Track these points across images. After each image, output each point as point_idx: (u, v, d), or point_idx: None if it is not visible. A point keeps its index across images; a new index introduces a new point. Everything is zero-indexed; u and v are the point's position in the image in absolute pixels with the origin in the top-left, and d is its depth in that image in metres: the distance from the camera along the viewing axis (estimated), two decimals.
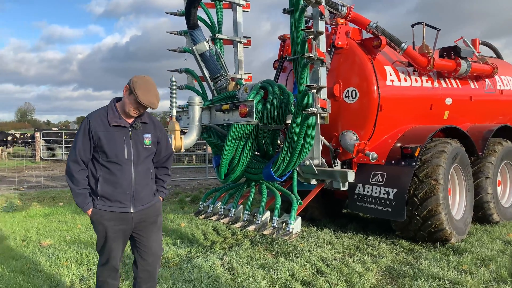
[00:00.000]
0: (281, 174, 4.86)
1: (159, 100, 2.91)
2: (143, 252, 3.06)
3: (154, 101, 2.86)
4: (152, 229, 3.07)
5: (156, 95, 2.89)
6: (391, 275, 4.27)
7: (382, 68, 5.59)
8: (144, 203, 3.00)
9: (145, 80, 2.87)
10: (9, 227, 6.59)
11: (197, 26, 5.40)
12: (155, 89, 2.90)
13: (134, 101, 2.83)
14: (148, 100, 2.82)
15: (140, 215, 2.99)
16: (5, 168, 15.18)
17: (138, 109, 2.88)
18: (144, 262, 3.07)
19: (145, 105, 2.83)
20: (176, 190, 10.32)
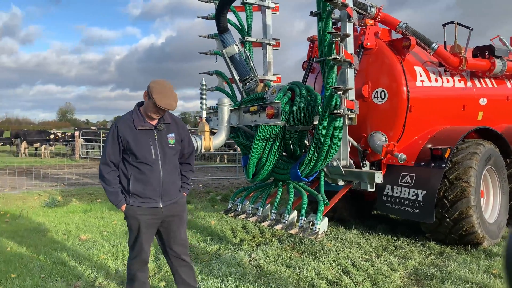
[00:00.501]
0: (308, 175, 4.93)
1: (176, 101, 3.08)
2: (172, 244, 3.27)
3: (172, 103, 3.03)
4: (178, 224, 3.27)
5: (173, 97, 3.05)
6: (418, 277, 4.25)
7: (412, 69, 5.53)
8: (172, 198, 3.19)
9: (162, 85, 3.05)
10: (51, 221, 7.00)
11: (227, 29, 5.55)
12: (171, 92, 3.05)
13: (153, 105, 3.01)
14: (165, 103, 2.99)
15: (168, 210, 3.18)
16: (48, 166, 16.01)
17: (158, 112, 3.06)
18: (174, 252, 3.28)
19: (163, 108, 3.00)
20: (207, 189, 10.55)
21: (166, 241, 3.30)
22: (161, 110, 3.04)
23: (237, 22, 6.12)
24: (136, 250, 3.23)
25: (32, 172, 13.23)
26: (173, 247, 3.28)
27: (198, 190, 10.45)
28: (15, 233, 6.22)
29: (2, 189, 9.79)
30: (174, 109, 3.07)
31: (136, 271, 3.27)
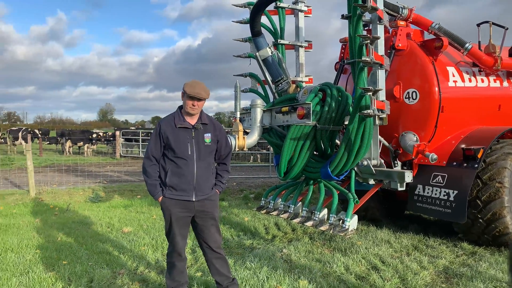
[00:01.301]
0: (338, 174, 5.05)
1: (206, 91, 3.37)
2: (206, 238, 3.53)
3: (200, 92, 3.31)
4: (210, 219, 3.51)
5: (202, 88, 3.35)
6: (448, 275, 4.30)
7: (445, 69, 5.54)
8: (204, 193, 3.45)
9: (192, 81, 3.41)
10: (95, 215, 7.49)
11: (261, 33, 5.77)
12: (200, 85, 3.37)
13: (186, 96, 3.34)
14: (194, 91, 3.30)
15: (200, 205, 3.43)
16: (90, 164, 16.86)
17: (192, 102, 3.34)
18: (208, 245, 3.54)
19: (192, 95, 3.29)
20: (241, 187, 10.83)
21: (200, 236, 3.56)
22: (192, 99, 3.32)
23: (270, 26, 6.33)
24: (171, 241, 3.52)
25: (77, 170, 14.00)
26: (207, 241, 3.54)
27: (232, 188, 10.74)
28: (63, 225, 6.72)
29: (50, 185, 10.48)
30: (202, 97, 3.34)
31: (174, 260, 3.54)
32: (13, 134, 23.67)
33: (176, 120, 3.41)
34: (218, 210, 3.63)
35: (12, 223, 6.80)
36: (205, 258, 3.66)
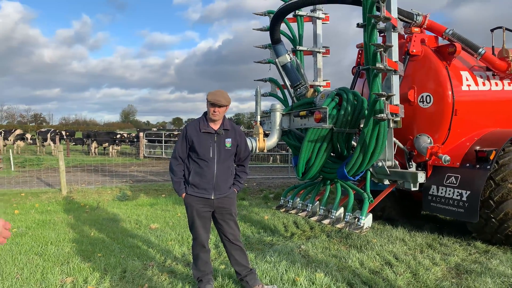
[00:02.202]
0: (354, 174, 5.32)
1: (226, 99, 3.71)
2: (225, 231, 3.88)
3: (219, 99, 3.66)
4: (228, 216, 3.86)
5: (222, 95, 3.70)
6: (459, 271, 4.51)
7: (458, 74, 5.72)
8: (222, 192, 3.79)
9: (214, 89, 3.77)
10: (124, 212, 7.94)
11: (280, 41, 6.09)
12: (221, 93, 3.73)
13: (208, 103, 3.69)
14: (214, 98, 3.66)
15: (219, 202, 3.78)
16: (116, 164, 17.50)
17: (213, 109, 3.69)
18: (227, 238, 3.89)
19: (213, 102, 3.64)
20: (261, 187, 11.15)
21: (220, 229, 3.91)
22: (213, 105, 3.67)
23: (289, 33, 6.63)
24: (194, 234, 3.88)
25: (103, 170, 14.60)
26: (226, 234, 3.89)
27: (252, 188, 11.08)
28: (95, 221, 7.18)
29: (80, 184, 11.04)
30: (221, 103, 3.67)
31: (199, 252, 3.89)
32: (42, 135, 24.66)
33: (201, 125, 3.77)
34: (235, 206, 3.96)
35: (48, 219, 7.30)
36: (225, 250, 4.00)
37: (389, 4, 5.01)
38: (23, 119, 79.07)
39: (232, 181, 3.89)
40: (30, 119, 79.96)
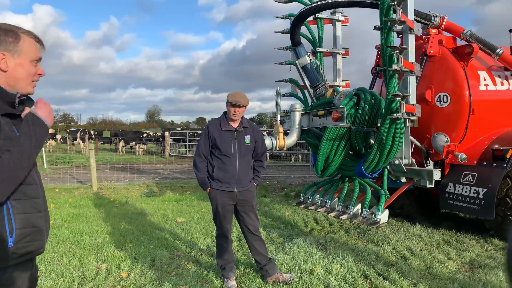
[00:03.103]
0: (371, 172, 5.51)
1: (245, 99, 4.01)
2: (246, 223, 4.17)
3: (239, 100, 3.96)
4: (249, 208, 4.15)
5: (241, 96, 3.99)
6: (472, 266, 4.64)
7: (476, 74, 5.82)
8: (244, 185, 4.08)
9: (234, 92, 4.06)
10: (151, 207, 8.34)
11: (300, 43, 6.33)
12: (241, 94, 4.02)
13: (229, 104, 3.99)
14: (234, 99, 3.95)
15: (241, 195, 4.07)
16: (142, 162, 18.09)
17: (233, 109, 3.99)
18: (248, 230, 4.18)
19: (233, 102, 3.94)
20: (282, 185, 11.40)
21: (241, 221, 4.21)
22: (233, 106, 3.96)
23: (309, 35, 6.86)
24: (218, 225, 4.19)
25: (131, 167, 15.17)
26: (247, 225, 4.18)
27: (274, 186, 11.34)
28: (124, 215, 7.60)
29: (108, 181, 11.57)
30: (240, 104, 3.96)
31: (222, 242, 4.20)
32: (72, 134, 25.64)
33: (222, 124, 4.07)
34: (255, 199, 4.25)
35: (81, 213, 7.78)
36: (246, 241, 4.29)
37: (405, 7, 5.17)
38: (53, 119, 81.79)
39: (252, 176, 4.17)
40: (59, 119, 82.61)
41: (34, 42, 1.81)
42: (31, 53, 1.79)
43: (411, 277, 4.21)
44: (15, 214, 1.66)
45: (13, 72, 1.74)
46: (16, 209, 1.66)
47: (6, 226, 1.64)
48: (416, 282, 4.08)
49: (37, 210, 1.76)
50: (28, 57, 1.78)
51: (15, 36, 1.74)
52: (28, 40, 1.78)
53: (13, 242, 1.66)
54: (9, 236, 1.65)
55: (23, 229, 1.69)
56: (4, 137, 1.62)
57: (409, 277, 4.21)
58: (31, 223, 1.72)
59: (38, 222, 1.76)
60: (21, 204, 1.69)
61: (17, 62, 1.75)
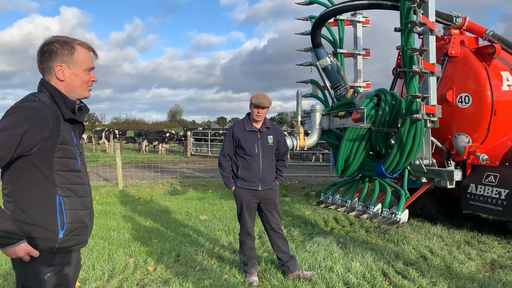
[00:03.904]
0: (391, 172, 5.56)
1: (268, 101, 4.16)
2: (269, 221, 4.31)
3: (262, 101, 4.10)
4: (272, 207, 4.29)
5: (265, 98, 4.14)
6: (493, 266, 4.65)
7: (498, 74, 5.79)
8: (268, 184, 4.23)
9: (257, 93, 4.21)
10: (175, 205, 8.59)
11: (321, 45, 6.42)
12: (264, 95, 4.17)
13: (252, 106, 4.14)
14: (258, 101, 4.10)
15: (265, 193, 4.22)
16: (165, 161, 18.47)
17: (257, 110, 4.14)
18: (271, 227, 4.31)
19: (256, 104, 4.09)
20: (302, 185, 11.49)
21: (264, 218, 4.35)
22: (257, 107, 4.11)
23: (330, 36, 6.94)
24: (242, 223, 4.34)
25: (154, 166, 15.53)
26: (270, 223, 4.32)
27: (294, 186, 11.44)
28: (149, 212, 7.86)
29: (133, 179, 11.91)
30: (264, 106, 4.12)
31: (245, 238, 4.35)
32: (97, 134, 26.34)
33: (246, 125, 4.22)
34: (278, 198, 4.38)
35: (108, 210, 8.08)
36: (268, 238, 4.43)
37: (426, 9, 5.20)
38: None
39: (274, 174, 4.31)
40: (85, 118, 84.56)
41: (87, 53, 2.01)
42: (85, 63, 1.99)
43: (430, 276, 4.26)
44: (66, 210, 1.87)
45: (69, 81, 1.95)
46: (67, 205, 1.88)
47: (58, 220, 1.86)
48: (435, 281, 4.14)
49: (85, 207, 1.98)
50: (82, 67, 1.98)
51: (70, 48, 1.94)
52: (82, 50, 1.98)
53: (63, 234, 1.88)
54: (60, 229, 1.87)
55: (72, 224, 1.90)
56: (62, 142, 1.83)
57: (428, 276, 4.26)
58: (79, 219, 1.93)
59: (85, 218, 1.98)
60: (71, 202, 1.91)
61: (72, 72, 1.95)
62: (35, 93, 1.92)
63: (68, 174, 1.90)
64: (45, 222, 1.85)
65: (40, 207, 1.84)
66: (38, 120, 1.78)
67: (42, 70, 1.95)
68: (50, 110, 1.84)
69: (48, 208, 1.85)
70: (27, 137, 1.75)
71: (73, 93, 1.99)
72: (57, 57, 1.91)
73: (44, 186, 1.84)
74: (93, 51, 2.04)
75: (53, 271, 1.89)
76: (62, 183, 1.88)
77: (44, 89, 1.93)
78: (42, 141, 1.80)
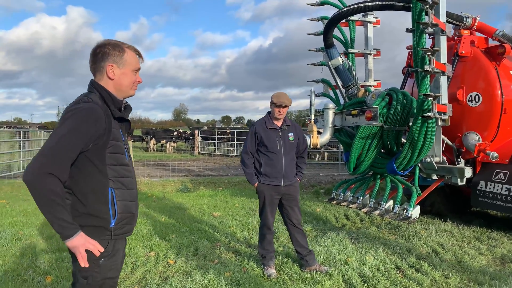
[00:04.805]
0: (403, 169, 5.69)
1: (289, 100, 4.30)
2: (290, 216, 4.46)
3: (283, 100, 4.25)
4: (294, 201, 4.45)
5: (286, 97, 4.28)
6: (503, 261, 4.79)
7: (508, 73, 5.91)
8: (290, 180, 4.38)
9: (278, 92, 4.37)
10: (187, 202, 8.77)
11: (333, 45, 6.56)
12: (284, 95, 4.32)
13: (273, 105, 4.30)
14: (279, 100, 4.25)
15: (287, 189, 4.37)
16: (173, 160, 18.67)
17: (278, 109, 4.29)
18: (291, 223, 4.46)
19: (277, 103, 4.24)
20: (311, 183, 11.63)
21: (286, 214, 4.49)
22: (278, 107, 4.27)
23: (342, 37, 7.08)
24: (263, 217, 4.49)
25: (163, 164, 15.72)
26: (291, 218, 4.46)
27: (304, 183, 11.58)
28: (163, 209, 8.04)
29: (145, 177, 12.11)
30: (286, 104, 4.27)
31: (265, 233, 4.51)
32: None
33: (267, 123, 4.38)
34: (299, 194, 4.53)
35: None
36: (288, 233, 4.58)
37: (437, 10, 5.33)
38: None
39: (295, 170, 4.47)
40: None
41: (135, 55, 2.19)
42: (133, 64, 2.17)
43: (443, 269, 4.41)
44: (117, 200, 2.05)
45: (118, 80, 2.13)
46: (118, 196, 2.06)
47: (110, 210, 2.04)
48: (447, 274, 4.28)
49: (133, 199, 2.16)
50: (130, 68, 2.16)
51: (121, 50, 2.12)
52: (131, 53, 2.16)
53: (114, 223, 2.05)
54: (112, 218, 2.05)
55: (122, 214, 2.08)
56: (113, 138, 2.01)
57: (441, 269, 4.41)
58: (128, 209, 2.11)
59: (133, 208, 2.16)
60: (122, 193, 2.09)
61: (122, 72, 2.13)
62: (87, 94, 2.09)
63: (118, 168, 2.08)
64: (100, 211, 2.03)
65: (94, 198, 2.02)
66: (94, 120, 1.96)
67: (94, 70, 2.13)
68: (102, 110, 2.01)
69: (102, 199, 2.03)
70: (87, 136, 1.94)
71: (121, 92, 2.16)
72: (109, 58, 2.10)
73: (98, 179, 2.02)
74: (140, 55, 2.21)
75: (106, 256, 2.06)
76: (113, 176, 2.06)
77: (95, 90, 2.10)
78: (97, 139, 1.98)
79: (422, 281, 4.07)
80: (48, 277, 4.20)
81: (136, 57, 2.19)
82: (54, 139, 1.90)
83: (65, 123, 1.93)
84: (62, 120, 1.97)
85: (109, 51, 2.09)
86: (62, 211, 1.87)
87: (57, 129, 1.94)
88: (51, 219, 1.87)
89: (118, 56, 2.11)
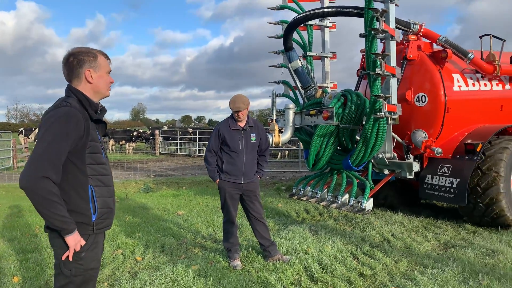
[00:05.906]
0: (357, 165, 6.11)
1: (245, 103, 4.50)
2: (252, 210, 4.72)
3: (239, 105, 4.47)
4: (254, 197, 4.71)
5: (241, 101, 4.48)
6: (446, 246, 5.29)
7: (450, 76, 6.48)
8: (249, 178, 4.64)
9: (234, 96, 4.57)
10: (151, 202, 8.82)
11: (292, 48, 6.89)
12: (240, 99, 4.51)
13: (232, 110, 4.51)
14: (234, 106, 4.48)
15: (246, 186, 4.63)
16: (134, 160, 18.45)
17: (236, 114, 4.55)
18: (253, 216, 4.72)
19: (234, 109, 4.49)
20: (273, 180, 11.98)
21: (247, 208, 4.75)
22: (236, 111, 4.51)
23: (300, 40, 7.43)
24: (225, 212, 4.73)
25: (124, 165, 15.55)
26: (253, 212, 4.73)
27: (266, 181, 11.90)
28: (127, 209, 8.06)
29: None
30: (242, 108, 4.49)
31: (228, 227, 4.74)
32: None
33: (231, 124, 4.61)
34: (259, 189, 4.80)
35: None
36: (251, 226, 4.83)
37: (387, 16, 5.77)
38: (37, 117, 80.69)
39: (256, 168, 4.72)
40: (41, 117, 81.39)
41: (105, 59, 2.36)
42: (106, 67, 2.36)
43: (393, 255, 4.83)
44: (97, 197, 2.22)
45: (96, 83, 2.30)
46: (97, 193, 2.23)
47: (91, 206, 2.20)
48: (397, 259, 4.70)
49: (110, 195, 2.33)
50: (104, 70, 2.34)
51: (94, 55, 2.29)
52: (101, 57, 2.34)
53: (95, 218, 2.21)
54: (93, 213, 2.21)
55: (102, 209, 2.25)
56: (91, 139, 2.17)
57: (392, 255, 4.83)
58: (107, 205, 2.28)
59: (111, 204, 2.33)
60: (101, 190, 2.26)
61: (98, 75, 2.31)
62: (65, 98, 2.24)
63: (96, 167, 2.24)
64: (81, 208, 2.19)
65: (76, 195, 2.17)
66: (75, 123, 2.11)
67: (70, 77, 2.28)
68: (80, 113, 2.16)
69: (83, 196, 2.19)
70: (72, 139, 2.11)
71: (98, 94, 2.33)
72: (85, 64, 2.27)
73: (78, 178, 2.18)
74: (108, 58, 2.39)
75: (88, 249, 2.22)
76: (92, 174, 2.22)
77: (72, 94, 2.25)
78: (78, 140, 2.13)
79: (374, 266, 4.46)
80: (15, 278, 4.21)
81: (106, 60, 2.37)
82: (43, 144, 2.05)
83: (50, 128, 2.07)
84: (45, 125, 2.10)
85: (83, 57, 2.26)
86: (62, 209, 2.04)
87: (44, 134, 2.08)
88: (53, 217, 2.03)
89: (92, 61, 2.28)
